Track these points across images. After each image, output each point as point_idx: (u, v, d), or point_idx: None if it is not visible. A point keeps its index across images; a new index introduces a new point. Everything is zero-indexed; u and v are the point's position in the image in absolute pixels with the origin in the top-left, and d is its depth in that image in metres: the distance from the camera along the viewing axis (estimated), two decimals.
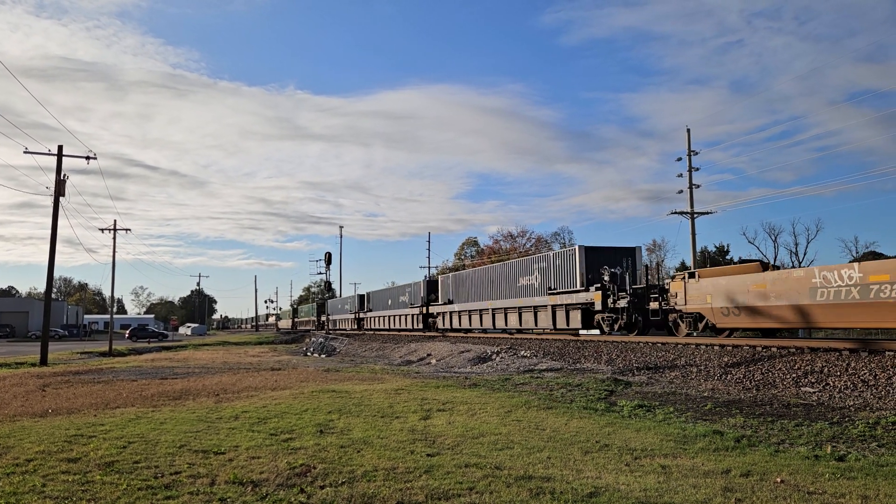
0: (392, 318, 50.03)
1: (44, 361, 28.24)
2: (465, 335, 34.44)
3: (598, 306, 24.23)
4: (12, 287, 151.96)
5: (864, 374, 12.75)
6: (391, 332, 47.83)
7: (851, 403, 11.25)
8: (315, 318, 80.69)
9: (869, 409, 10.69)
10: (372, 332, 51.91)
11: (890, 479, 6.22)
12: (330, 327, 68.96)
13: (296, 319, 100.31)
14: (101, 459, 7.30)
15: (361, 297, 61.38)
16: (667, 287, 21.89)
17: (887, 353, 13.73)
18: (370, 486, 6.13)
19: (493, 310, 33.14)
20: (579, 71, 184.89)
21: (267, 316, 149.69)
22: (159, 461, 7.21)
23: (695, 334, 20.52)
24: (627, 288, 23.36)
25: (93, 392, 14.86)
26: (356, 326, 60.64)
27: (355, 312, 60.85)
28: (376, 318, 54.51)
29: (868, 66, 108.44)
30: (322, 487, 6.13)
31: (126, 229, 48.85)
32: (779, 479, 6.22)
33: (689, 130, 41.81)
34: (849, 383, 12.51)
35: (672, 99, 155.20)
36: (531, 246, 78.62)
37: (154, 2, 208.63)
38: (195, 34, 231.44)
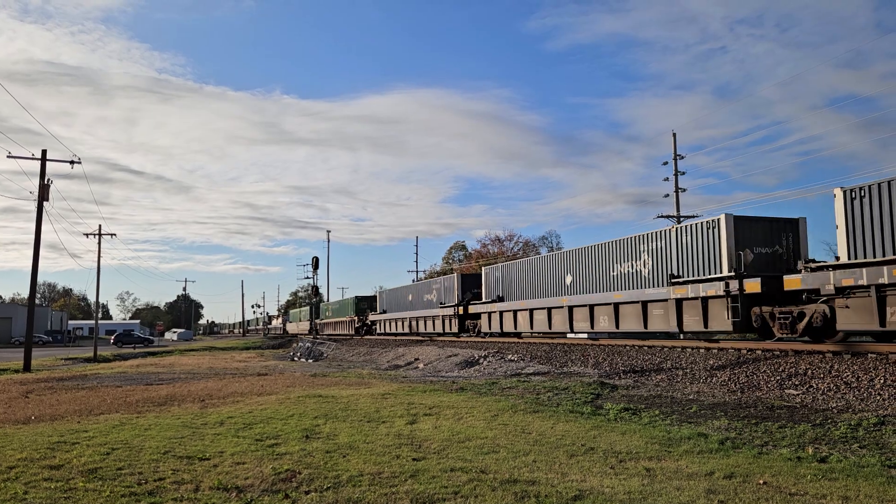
0: (579, 312, 24.31)
1: (27, 368, 27.94)
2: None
3: None
4: None
5: (847, 376, 12.88)
6: (574, 344, 24.29)
7: (834, 405, 11.36)
8: (356, 318, 55.55)
9: (851, 410, 10.80)
10: (527, 344, 26.87)
11: (870, 479, 6.29)
12: (387, 330, 47.39)
13: (318, 321, 71.48)
14: (84, 466, 7.24)
15: (471, 278, 35.94)
16: None
17: (870, 355, 13.87)
18: (355, 490, 6.12)
19: None
20: (565, 76, 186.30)
21: (270, 318, 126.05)
22: (143, 468, 7.16)
23: None
24: None
25: (76, 398, 14.72)
26: (456, 328, 35.34)
27: (457, 304, 34.95)
28: (518, 314, 28.99)
29: (848, 72, 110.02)
30: (307, 493, 6.11)
31: (111, 234, 48.69)
32: (762, 481, 6.28)
33: (675, 135, 42.07)
34: (832, 385, 12.63)
35: (657, 104, 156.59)
36: (519, 249, 78.69)
37: (140, 7, 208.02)
38: (181, 39, 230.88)
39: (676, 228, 20.55)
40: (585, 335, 24.63)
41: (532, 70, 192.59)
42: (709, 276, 18.66)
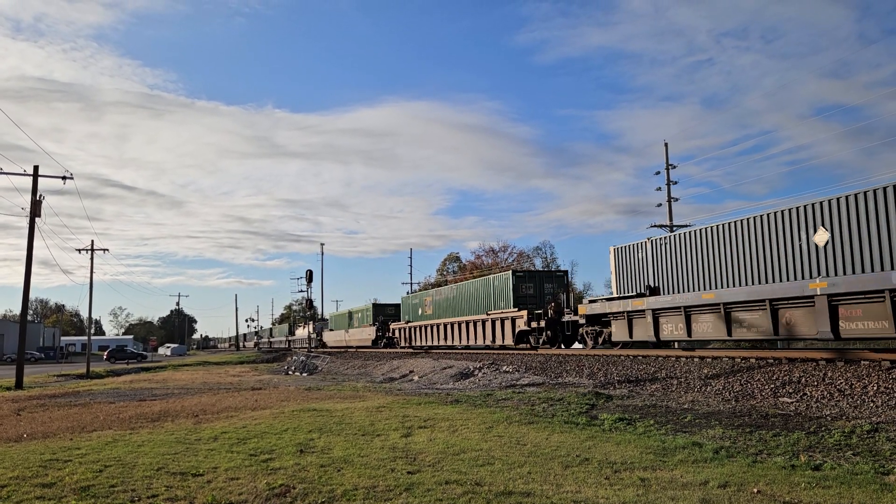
0: None
1: (19, 385, 27.73)
2: (447, 352, 34.33)
3: None
4: None
5: (841, 383, 12.92)
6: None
7: (828, 413, 11.39)
8: (521, 314, 28.74)
9: (845, 418, 10.82)
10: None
11: (864, 487, 6.30)
12: (681, 335, 19.22)
13: (399, 325, 44.81)
14: (76, 484, 7.19)
15: None
16: None
17: (863, 362, 13.92)
18: None
19: None
20: (554, 89, 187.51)
21: (292, 327, 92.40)
22: (136, 484, 7.12)
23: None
24: None
25: (69, 415, 14.62)
26: None
27: None
28: None
29: (834, 82, 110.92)
30: None
31: (103, 249, 48.38)
32: (756, 490, 6.28)
33: (666, 144, 42.30)
34: (825, 393, 12.67)
35: (646, 115, 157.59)
36: (513, 260, 78.89)
37: (131, 24, 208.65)
38: (172, 55, 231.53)
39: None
40: None
41: (522, 83, 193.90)
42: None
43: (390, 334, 46.67)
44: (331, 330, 64.89)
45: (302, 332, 76.56)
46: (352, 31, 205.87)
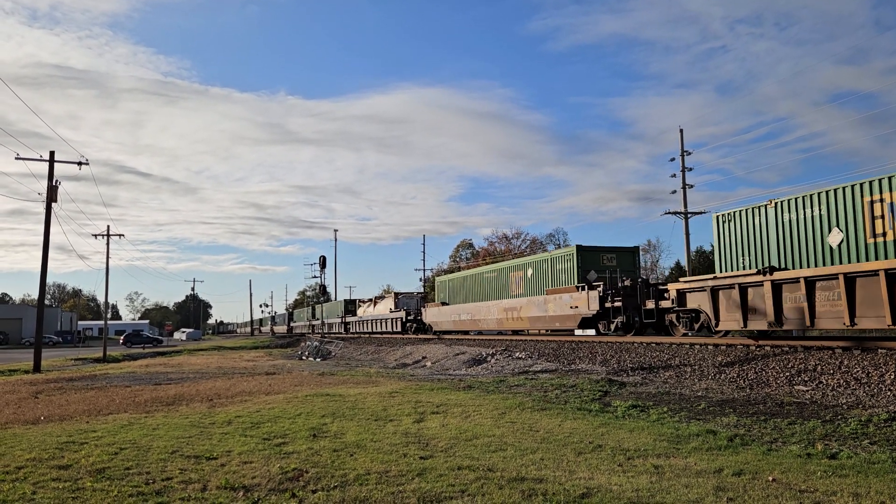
0: None
1: (37, 368, 28.10)
2: (460, 337, 34.38)
3: None
4: (6, 294, 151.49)
5: (857, 371, 12.78)
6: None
7: (844, 401, 11.28)
8: None
9: (861, 406, 10.71)
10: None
11: (881, 476, 6.23)
12: None
13: (679, 286, 19.20)
14: (92, 466, 7.27)
15: None
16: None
17: (880, 350, 13.77)
18: (362, 489, 6.11)
19: None
20: (567, 76, 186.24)
21: (350, 305, 62.61)
22: (151, 467, 7.18)
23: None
24: None
25: (86, 398, 14.79)
26: None
27: None
28: None
29: (849, 69, 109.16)
30: (314, 492, 6.11)
31: (119, 235, 48.78)
32: (771, 478, 6.23)
33: (681, 131, 41.89)
34: (842, 381, 12.54)
35: (659, 103, 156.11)
36: (526, 247, 78.78)
37: (145, 12, 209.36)
38: (186, 43, 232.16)
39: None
40: None
41: (534, 70, 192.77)
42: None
43: (651, 305, 21.67)
44: (443, 304, 39.10)
45: (370, 311, 53.08)
46: (365, 19, 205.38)
